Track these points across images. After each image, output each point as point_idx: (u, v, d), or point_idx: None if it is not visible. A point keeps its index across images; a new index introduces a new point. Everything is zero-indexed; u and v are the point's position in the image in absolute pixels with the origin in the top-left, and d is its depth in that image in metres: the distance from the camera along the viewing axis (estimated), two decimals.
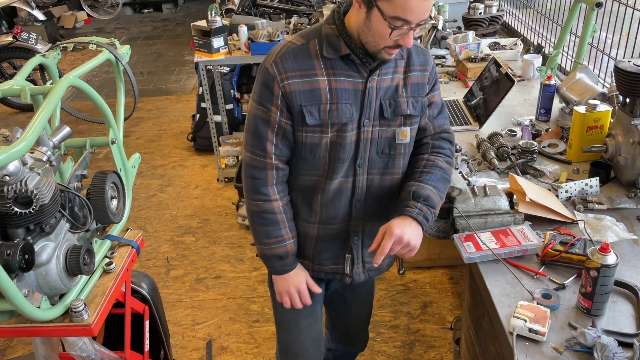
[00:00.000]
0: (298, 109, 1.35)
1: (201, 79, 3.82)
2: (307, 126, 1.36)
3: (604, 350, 1.11)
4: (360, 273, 1.58)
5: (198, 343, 2.59)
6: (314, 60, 1.35)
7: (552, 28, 3.18)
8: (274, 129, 1.38)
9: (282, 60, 1.34)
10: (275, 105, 1.35)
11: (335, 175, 1.43)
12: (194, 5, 9.67)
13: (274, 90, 1.34)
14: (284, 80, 1.33)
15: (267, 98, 1.36)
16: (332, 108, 1.35)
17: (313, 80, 1.35)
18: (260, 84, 1.37)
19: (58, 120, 1.64)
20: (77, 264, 1.29)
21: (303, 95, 1.34)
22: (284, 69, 1.34)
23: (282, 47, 1.37)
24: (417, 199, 1.39)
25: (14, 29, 5.15)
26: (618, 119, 1.75)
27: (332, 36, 1.34)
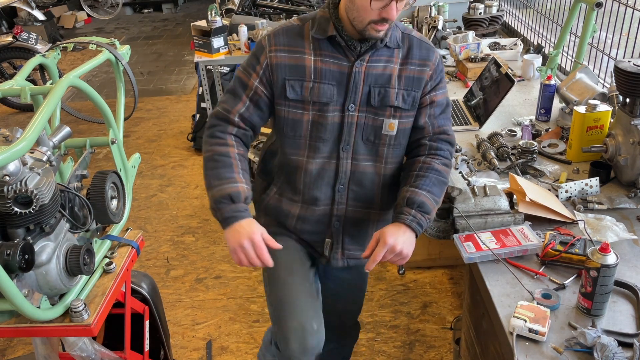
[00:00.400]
0: (281, 82, 1.42)
1: (201, 79, 3.82)
2: (288, 100, 1.43)
3: (604, 350, 1.11)
4: (338, 259, 1.59)
5: (198, 343, 2.59)
6: (304, 40, 1.43)
7: (552, 28, 3.18)
8: (249, 94, 1.45)
9: (275, 35, 1.44)
10: (257, 72, 1.44)
11: (317, 155, 1.47)
12: (194, 5, 9.67)
13: (260, 59, 1.44)
14: (272, 52, 1.42)
15: (252, 65, 1.45)
16: (315, 86, 1.41)
17: (299, 57, 1.42)
18: (251, 54, 1.47)
19: (58, 120, 1.64)
20: (77, 264, 1.29)
21: (288, 69, 1.42)
22: (275, 42, 1.43)
23: (280, 26, 1.47)
24: (411, 205, 1.39)
25: (14, 29, 5.15)
26: (618, 119, 1.75)
27: (323, 19, 1.42)
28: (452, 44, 2.96)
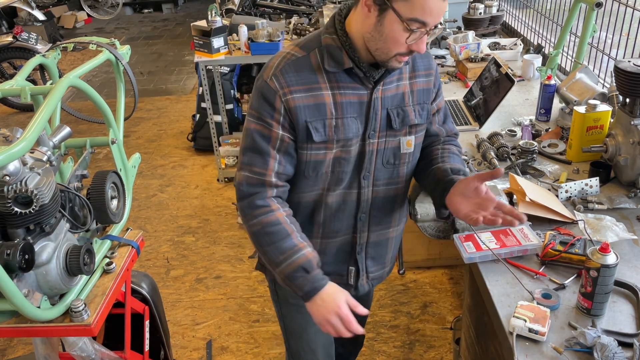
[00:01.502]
0: (303, 126, 1.27)
1: (201, 79, 3.82)
2: (312, 143, 1.29)
3: (604, 350, 1.11)
4: (364, 284, 1.55)
5: (198, 343, 2.59)
6: (316, 74, 1.27)
7: (552, 28, 3.18)
8: (276, 145, 1.29)
9: (283, 74, 1.26)
10: (276, 120, 1.27)
11: (337, 187, 1.38)
12: (194, 5, 9.67)
13: (275, 104, 1.26)
14: (287, 95, 1.26)
15: (268, 113, 1.27)
16: (338, 123, 1.29)
17: (317, 95, 1.27)
18: (259, 98, 1.28)
19: (58, 120, 1.64)
20: (77, 264, 1.29)
21: (308, 110, 1.27)
22: (286, 82, 1.26)
23: (281, 59, 1.29)
24: (457, 172, 1.37)
25: (14, 29, 5.15)
26: (618, 119, 1.75)
27: (333, 47, 1.26)
28: (452, 44, 2.96)
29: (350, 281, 1.52)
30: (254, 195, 1.31)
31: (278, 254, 1.28)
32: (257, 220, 1.30)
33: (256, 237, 1.32)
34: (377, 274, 1.57)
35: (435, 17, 1.17)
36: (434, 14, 1.16)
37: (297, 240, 1.30)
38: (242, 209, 1.33)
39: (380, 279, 1.60)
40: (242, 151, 1.33)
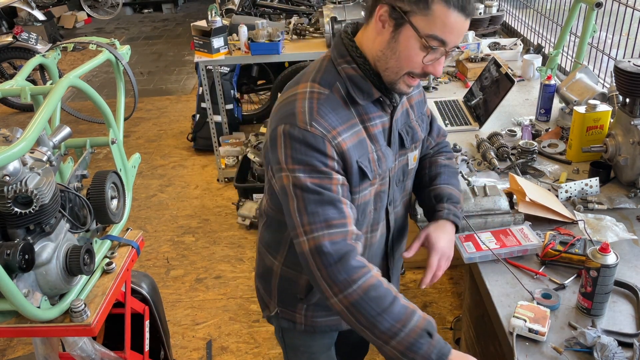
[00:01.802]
0: (356, 167, 1.16)
1: (201, 79, 3.82)
2: (365, 182, 1.20)
3: (604, 350, 1.11)
4: None
5: (198, 343, 2.59)
6: (348, 109, 1.16)
7: (552, 28, 3.18)
8: (339, 191, 1.13)
9: (322, 116, 1.12)
10: (331, 167, 1.13)
11: (378, 225, 1.32)
12: (194, 5, 9.67)
13: (325, 151, 1.11)
14: (336, 138, 1.12)
15: (321, 162, 1.11)
16: (379, 156, 1.21)
17: (357, 131, 1.17)
18: (304, 149, 1.11)
19: (58, 120, 1.64)
20: (77, 264, 1.29)
21: (355, 149, 1.16)
22: (330, 125, 1.12)
23: (309, 101, 1.14)
24: (440, 200, 1.37)
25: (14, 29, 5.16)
26: (618, 119, 1.75)
27: (358, 78, 1.16)
28: None
29: None
30: (345, 255, 1.10)
31: (393, 322, 1.07)
32: (356, 286, 1.09)
33: (359, 307, 1.08)
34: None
35: (455, 37, 1.09)
36: (454, 32, 1.08)
37: (405, 301, 1.11)
38: (334, 275, 1.09)
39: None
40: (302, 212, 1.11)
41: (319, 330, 1.43)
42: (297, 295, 1.37)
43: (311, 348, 1.53)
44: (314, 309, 1.39)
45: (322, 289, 1.12)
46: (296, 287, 1.36)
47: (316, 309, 1.39)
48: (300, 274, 1.34)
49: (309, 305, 1.38)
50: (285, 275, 1.37)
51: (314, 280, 1.13)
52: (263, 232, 1.41)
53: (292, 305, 1.40)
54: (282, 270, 1.37)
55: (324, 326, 1.43)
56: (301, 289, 1.36)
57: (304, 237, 1.11)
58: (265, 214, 1.38)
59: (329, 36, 3.63)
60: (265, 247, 1.41)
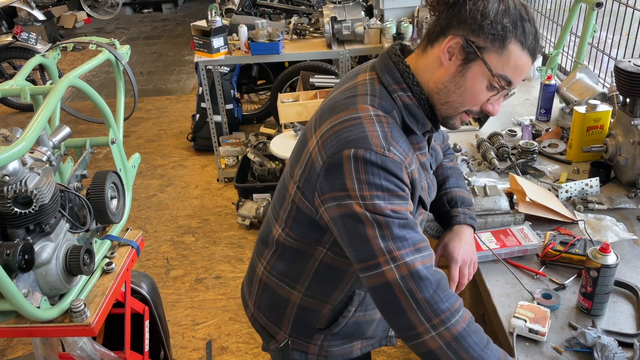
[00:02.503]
0: (417, 195, 1.13)
1: (201, 79, 3.82)
2: (419, 211, 1.17)
3: (604, 351, 1.11)
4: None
5: (198, 343, 2.59)
6: (405, 136, 1.11)
7: (552, 28, 3.18)
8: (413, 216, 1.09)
9: (396, 141, 1.06)
10: (408, 194, 1.07)
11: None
12: (194, 5, 9.67)
13: (403, 178, 1.05)
14: (410, 165, 1.08)
15: (399, 187, 1.04)
16: (429, 184, 1.19)
17: (414, 159, 1.13)
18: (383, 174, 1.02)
19: (58, 120, 1.64)
20: (77, 264, 1.29)
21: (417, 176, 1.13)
22: (404, 151, 1.07)
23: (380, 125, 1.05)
24: (455, 205, 1.36)
25: (14, 29, 5.16)
26: (618, 119, 1.75)
27: (414, 107, 1.11)
28: None
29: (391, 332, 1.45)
30: (442, 280, 1.03)
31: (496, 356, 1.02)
32: (459, 316, 1.00)
33: (463, 341, 0.99)
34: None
35: (520, 79, 1.08)
36: (522, 75, 1.07)
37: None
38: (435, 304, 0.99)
39: None
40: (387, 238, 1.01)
41: (332, 359, 1.37)
42: (317, 326, 1.30)
43: None
44: (331, 338, 1.33)
45: (416, 323, 1.00)
46: (317, 316, 1.29)
47: (333, 338, 1.33)
48: (325, 303, 1.26)
49: (327, 335, 1.32)
50: (306, 305, 1.28)
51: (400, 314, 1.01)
52: (274, 263, 1.29)
53: (307, 335, 1.33)
54: (302, 300, 1.28)
55: (337, 355, 1.36)
56: (322, 319, 1.29)
57: (390, 265, 1.00)
58: (277, 244, 1.26)
59: (329, 36, 3.63)
60: (278, 278, 1.30)
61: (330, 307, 1.26)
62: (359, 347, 1.39)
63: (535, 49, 1.05)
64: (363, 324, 1.32)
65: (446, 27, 1.06)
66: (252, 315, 1.41)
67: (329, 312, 1.28)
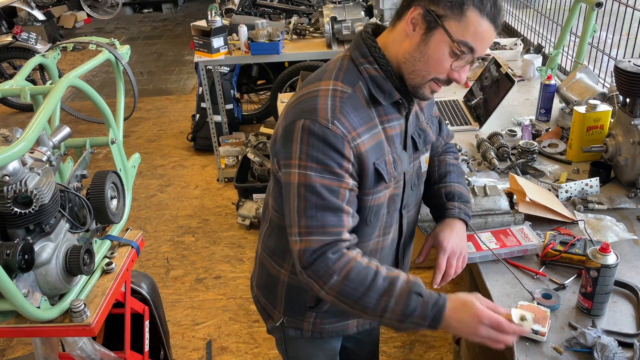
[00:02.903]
0: (372, 169, 1.15)
1: (201, 79, 3.82)
2: (380, 185, 1.18)
3: (604, 351, 1.11)
4: None
5: (198, 343, 2.59)
6: (367, 109, 1.16)
7: (552, 28, 3.18)
8: (346, 197, 1.12)
9: (344, 115, 1.11)
10: (346, 169, 1.11)
11: (391, 229, 1.30)
12: (194, 5, 9.67)
13: (344, 152, 1.10)
14: (356, 139, 1.12)
15: (336, 162, 1.10)
16: (395, 158, 1.21)
17: (376, 132, 1.16)
18: (320, 145, 1.09)
19: (58, 120, 1.64)
20: (77, 264, 1.29)
21: (373, 151, 1.15)
22: (351, 125, 1.11)
23: (333, 98, 1.12)
24: (452, 198, 1.37)
25: (14, 29, 5.15)
26: (618, 119, 1.75)
27: (379, 79, 1.16)
28: None
29: None
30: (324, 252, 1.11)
31: (379, 297, 1.09)
32: (337, 275, 1.10)
33: (345, 295, 1.10)
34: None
35: (484, 46, 1.11)
36: (484, 41, 1.10)
37: (387, 271, 1.12)
38: (315, 273, 1.11)
39: None
40: (302, 213, 1.11)
41: (326, 335, 1.40)
42: (307, 304, 1.34)
43: (315, 358, 1.50)
44: (323, 316, 1.37)
45: (310, 286, 1.14)
46: (305, 295, 1.33)
47: (325, 316, 1.37)
48: None
49: (319, 313, 1.36)
50: (294, 283, 1.34)
51: (302, 279, 1.14)
52: (266, 239, 1.36)
53: (300, 314, 1.37)
54: (289, 278, 1.34)
55: (332, 332, 1.40)
56: (311, 297, 1.33)
57: (297, 238, 1.12)
58: (270, 220, 1.33)
59: (329, 36, 3.63)
60: (269, 256, 1.36)
61: None
62: (354, 325, 1.42)
63: (495, 16, 1.09)
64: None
65: (410, 0, 1.12)
66: (255, 296, 1.48)
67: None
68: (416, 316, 1.08)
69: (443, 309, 1.08)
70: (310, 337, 1.40)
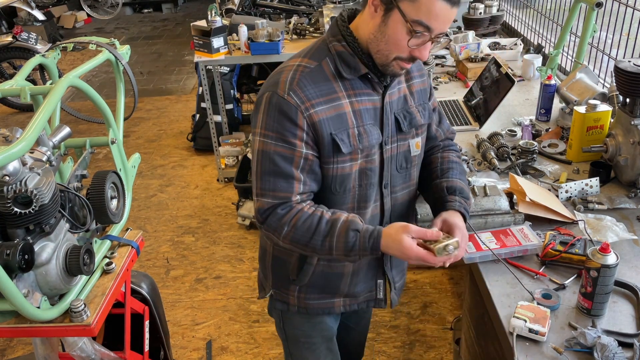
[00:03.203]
0: (329, 139, 1.22)
1: (201, 79, 3.82)
2: (339, 156, 1.25)
3: (604, 351, 1.11)
4: (394, 296, 1.53)
5: (198, 343, 2.59)
6: (332, 83, 1.23)
7: (552, 28, 3.18)
8: (299, 164, 1.23)
9: (300, 87, 1.20)
10: (300, 138, 1.21)
11: (368, 204, 1.34)
12: (194, 5, 9.67)
13: (297, 121, 1.20)
14: (309, 109, 1.20)
15: (289, 131, 1.20)
16: (360, 131, 1.26)
17: (337, 105, 1.23)
18: (276, 115, 1.20)
19: (58, 120, 1.64)
20: (77, 264, 1.29)
21: (331, 122, 1.22)
22: (306, 96, 1.20)
23: (294, 72, 1.23)
24: (453, 192, 1.37)
25: (14, 29, 5.15)
26: (618, 119, 1.75)
27: (345, 54, 1.23)
28: (452, 44, 2.96)
29: (379, 294, 1.49)
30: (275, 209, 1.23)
31: (323, 238, 1.22)
32: (288, 226, 1.23)
33: (297, 241, 1.24)
34: (400, 284, 1.56)
35: (440, 24, 1.14)
36: (439, 19, 1.13)
37: (331, 215, 1.23)
38: (269, 227, 1.25)
39: (402, 289, 1.58)
40: (259, 176, 1.24)
41: (312, 312, 1.48)
42: (290, 277, 1.43)
43: (312, 338, 1.55)
44: (306, 290, 1.44)
45: (270, 238, 1.29)
46: (287, 267, 1.42)
47: (308, 291, 1.44)
48: (292, 253, 1.40)
49: (301, 287, 1.44)
50: (277, 255, 1.44)
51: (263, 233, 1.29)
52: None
53: (285, 286, 1.46)
54: (274, 249, 1.44)
55: (317, 309, 1.47)
56: (293, 269, 1.41)
57: (255, 198, 1.27)
58: None
59: None
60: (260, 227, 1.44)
61: (297, 256, 1.39)
62: (340, 305, 1.47)
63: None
64: (331, 276, 1.41)
65: None
66: (257, 270, 1.56)
67: (297, 262, 1.40)
68: (357, 249, 1.22)
69: (378, 241, 1.20)
70: (297, 312, 1.47)
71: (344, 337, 1.80)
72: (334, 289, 1.44)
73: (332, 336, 1.58)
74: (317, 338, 1.55)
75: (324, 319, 1.53)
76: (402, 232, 1.19)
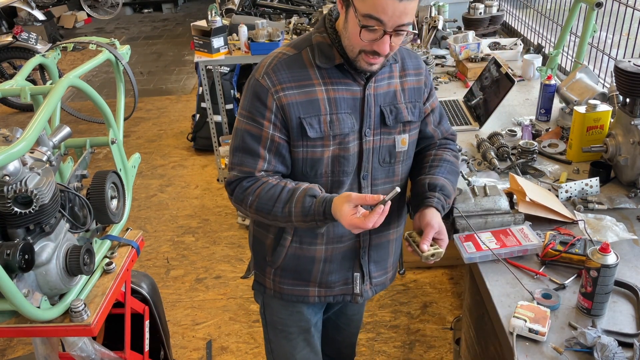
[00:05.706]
0: (297, 122, 1.28)
1: (201, 79, 3.82)
2: (308, 140, 1.30)
3: (604, 350, 1.11)
4: (368, 290, 1.53)
5: (198, 343, 2.59)
6: (308, 70, 1.30)
7: (552, 28, 3.18)
8: (266, 144, 1.30)
9: (275, 72, 1.29)
10: (268, 119, 1.29)
11: (340, 191, 1.36)
12: (194, 5, 9.67)
13: (266, 103, 1.28)
14: (279, 92, 1.27)
15: (259, 112, 1.29)
16: (333, 119, 1.30)
17: (310, 91, 1.29)
18: (251, 96, 1.30)
19: (58, 120, 1.64)
20: (77, 264, 1.29)
21: (301, 107, 1.28)
22: (277, 80, 1.28)
23: (272, 59, 1.31)
24: (433, 189, 1.38)
25: (14, 29, 5.15)
26: (618, 119, 1.75)
27: (324, 44, 1.30)
28: (452, 44, 2.96)
29: (355, 289, 1.50)
30: (240, 182, 1.33)
31: (283, 205, 1.28)
32: (253, 196, 1.31)
33: (261, 210, 1.30)
34: (380, 280, 1.55)
35: (390, 17, 1.16)
36: (388, 12, 1.15)
37: (292, 184, 1.30)
38: (236, 198, 1.34)
39: (383, 285, 1.58)
40: (231, 151, 1.35)
41: (287, 299, 1.51)
42: (266, 257, 1.48)
43: (288, 327, 1.58)
44: (280, 274, 1.48)
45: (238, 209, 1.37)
46: (264, 247, 1.48)
47: (283, 275, 1.48)
48: (267, 233, 1.46)
49: (276, 269, 1.48)
50: (256, 235, 1.51)
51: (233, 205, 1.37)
52: None
53: (262, 268, 1.52)
54: (254, 230, 1.52)
55: (291, 295, 1.50)
56: (268, 250, 1.47)
57: (229, 171, 1.36)
58: None
59: None
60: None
61: (272, 237, 1.45)
62: (315, 294, 1.49)
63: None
64: (303, 260, 1.44)
65: None
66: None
67: (272, 243, 1.45)
68: (312, 215, 1.26)
69: (330, 205, 1.24)
70: (273, 296, 1.53)
71: (335, 336, 1.82)
72: (306, 275, 1.46)
73: (309, 328, 1.59)
74: (293, 327, 1.58)
75: (301, 309, 1.55)
76: (344, 200, 1.23)
